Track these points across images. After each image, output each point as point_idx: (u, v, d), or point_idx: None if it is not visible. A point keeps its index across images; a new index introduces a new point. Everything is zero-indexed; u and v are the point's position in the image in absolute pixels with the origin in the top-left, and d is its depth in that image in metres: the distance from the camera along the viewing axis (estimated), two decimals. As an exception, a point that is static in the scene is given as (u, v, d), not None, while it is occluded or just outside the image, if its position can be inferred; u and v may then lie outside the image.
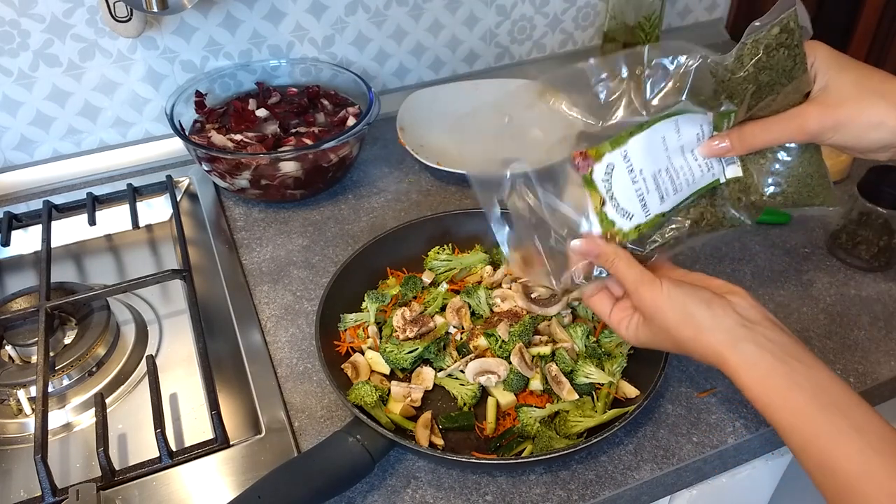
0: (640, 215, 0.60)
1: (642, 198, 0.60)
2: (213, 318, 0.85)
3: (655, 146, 0.59)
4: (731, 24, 1.40)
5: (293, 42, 1.12)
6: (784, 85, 0.58)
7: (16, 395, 0.76)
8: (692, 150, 0.61)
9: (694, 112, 0.59)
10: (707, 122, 0.60)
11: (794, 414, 0.52)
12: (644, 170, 0.59)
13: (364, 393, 0.69)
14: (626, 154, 0.58)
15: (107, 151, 1.08)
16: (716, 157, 0.61)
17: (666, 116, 0.59)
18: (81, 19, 0.98)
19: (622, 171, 0.58)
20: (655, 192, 0.60)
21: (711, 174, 0.62)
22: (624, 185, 0.59)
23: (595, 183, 0.58)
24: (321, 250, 0.93)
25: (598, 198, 0.59)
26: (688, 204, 0.63)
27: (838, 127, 0.57)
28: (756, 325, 0.57)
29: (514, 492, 0.66)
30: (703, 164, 0.61)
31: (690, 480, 0.71)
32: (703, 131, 0.60)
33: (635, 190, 0.59)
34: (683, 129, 0.60)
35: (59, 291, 0.86)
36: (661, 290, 0.58)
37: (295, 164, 0.93)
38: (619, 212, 0.60)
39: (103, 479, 0.66)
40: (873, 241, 0.86)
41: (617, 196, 0.59)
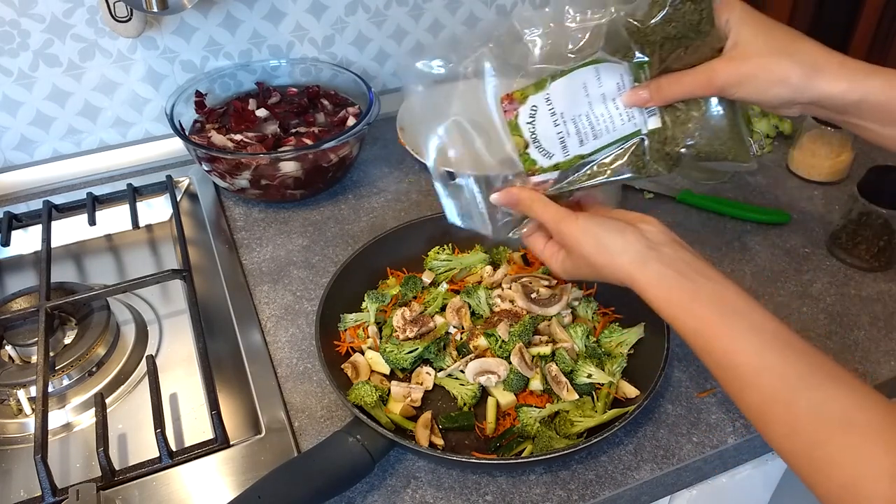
0: (560, 156, 0.64)
1: (563, 140, 0.64)
2: (213, 318, 0.85)
3: (576, 92, 0.62)
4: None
5: (293, 42, 1.12)
6: (692, 38, 0.60)
7: (16, 395, 0.76)
8: (613, 99, 0.63)
9: (610, 61, 0.62)
10: (626, 72, 0.63)
11: (697, 320, 0.56)
12: (565, 113, 0.63)
13: (364, 393, 0.69)
14: (549, 97, 0.62)
15: (107, 151, 1.08)
16: (637, 108, 0.64)
17: (585, 64, 0.62)
18: (81, 19, 0.98)
19: (545, 113, 0.63)
20: (576, 136, 0.64)
21: (633, 124, 0.64)
22: (546, 127, 0.63)
23: (520, 126, 0.63)
24: (321, 250, 0.93)
25: (522, 141, 0.63)
26: (611, 150, 0.65)
27: (744, 81, 0.60)
28: (662, 246, 0.60)
29: (514, 492, 0.66)
30: (625, 114, 0.64)
31: (690, 480, 0.71)
32: (623, 81, 0.63)
33: (557, 132, 0.63)
34: (604, 78, 0.63)
35: (59, 291, 0.86)
36: (577, 224, 0.62)
37: (295, 164, 0.93)
38: (541, 152, 0.64)
39: (103, 479, 0.66)
40: (873, 241, 0.86)
41: (540, 137, 0.63)
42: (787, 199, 1.00)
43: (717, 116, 0.64)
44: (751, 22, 0.60)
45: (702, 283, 0.57)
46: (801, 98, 0.60)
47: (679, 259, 0.59)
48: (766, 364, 0.52)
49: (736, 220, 0.96)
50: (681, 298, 0.57)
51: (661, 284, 0.58)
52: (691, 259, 0.59)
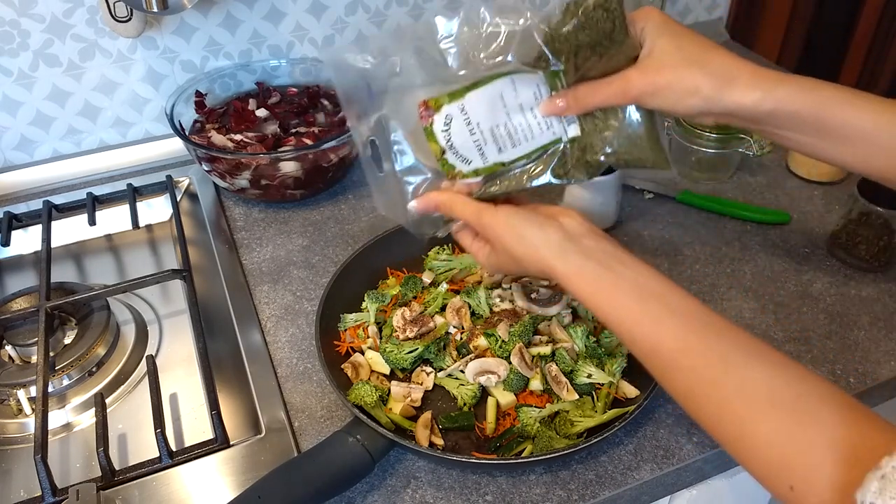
0: (479, 162, 0.65)
1: (480, 148, 0.64)
2: (213, 318, 0.85)
3: (493, 102, 0.63)
4: (731, 23, 1.41)
5: (293, 42, 1.12)
6: (606, 47, 0.60)
7: (16, 395, 0.76)
8: (531, 109, 0.64)
9: (525, 72, 0.62)
10: (542, 82, 0.63)
11: (619, 309, 0.56)
12: (481, 123, 0.63)
13: (364, 393, 0.69)
14: (464, 107, 0.63)
15: (107, 151, 1.08)
16: (555, 116, 0.64)
17: (501, 75, 0.62)
18: (81, 19, 0.98)
19: (460, 122, 0.63)
20: (493, 144, 0.64)
21: (552, 132, 0.64)
22: (462, 136, 0.63)
23: (435, 133, 0.63)
24: (321, 250, 0.93)
25: (438, 147, 0.63)
26: (533, 157, 0.66)
27: (657, 92, 0.60)
28: (582, 238, 0.61)
29: (514, 492, 0.66)
30: (543, 123, 0.64)
31: (690, 480, 0.71)
32: (539, 91, 0.63)
33: (473, 140, 0.64)
34: (520, 88, 0.63)
35: (59, 291, 0.86)
36: (497, 217, 0.63)
37: (295, 164, 0.93)
38: (458, 158, 0.64)
39: (103, 479, 0.66)
40: (873, 241, 0.86)
41: (456, 145, 0.63)
42: (787, 199, 1.00)
43: (634, 124, 0.63)
44: (666, 32, 0.60)
45: (621, 271, 0.58)
46: (714, 109, 0.60)
47: (599, 250, 0.59)
48: (687, 346, 0.52)
49: (736, 220, 0.96)
50: (601, 288, 0.57)
51: (582, 275, 0.58)
52: (611, 249, 0.60)
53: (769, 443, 0.47)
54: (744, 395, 0.49)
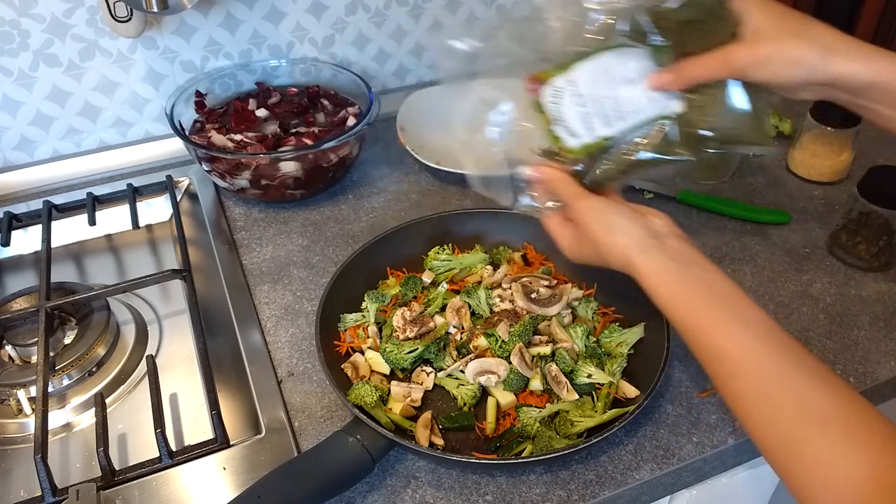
0: (586, 135, 0.66)
1: (588, 120, 0.65)
2: (213, 318, 0.85)
3: (600, 74, 0.65)
4: (731, 24, 1.40)
5: (293, 42, 1.12)
6: (710, 22, 0.63)
7: (16, 395, 0.76)
8: (637, 82, 0.65)
9: (633, 46, 0.64)
10: (647, 57, 0.65)
11: (690, 313, 0.57)
12: (589, 94, 0.65)
13: (364, 393, 0.69)
14: (573, 79, 0.65)
15: (107, 151, 1.08)
16: (660, 91, 0.65)
17: (610, 48, 0.64)
18: (81, 19, 0.98)
19: (568, 94, 0.65)
20: (600, 116, 0.65)
21: (657, 107, 0.65)
22: (570, 107, 0.65)
23: (543, 105, 0.65)
24: (321, 250, 0.93)
25: (545, 118, 0.65)
26: (637, 133, 0.66)
27: (761, 63, 0.61)
28: (666, 238, 0.62)
29: (514, 492, 0.66)
30: (649, 97, 0.65)
31: (690, 480, 0.71)
32: (646, 66, 0.65)
33: (581, 112, 0.65)
34: (627, 62, 0.65)
35: (59, 291, 0.86)
36: (590, 202, 0.64)
37: (295, 164, 0.93)
38: (565, 130, 0.65)
39: (103, 479, 0.66)
40: (873, 241, 0.86)
41: (564, 116, 0.65)
42: (787, 199, 1.00)
43: (737, 100, 0.65)
44: (764, 8, 0.62)
45: (699, 274, 0.58)
46: (816, 78, 0.61)
47: (681, 251, 0.60)
48: (752, 356, 0.52)
49: (736, 220, 0.96)
50: (677, 288, 0.58)
51: (661, 273, 0.59)
52: (692, 253, 0.61)
53: (817, 462, 0.47)
54: (798, 413, 0.49)
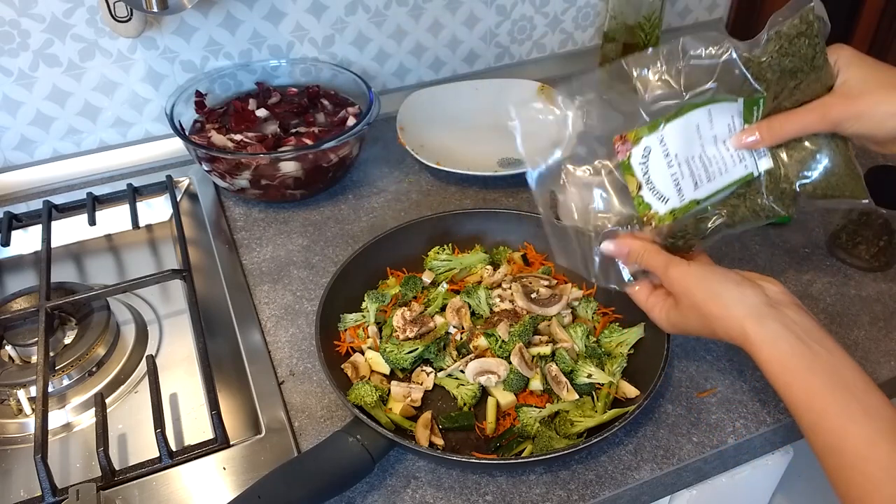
0: (675, 199, 0.64)
1: (677, 182, 0.63)
2: (213, 318, 0.85)
3: (690, 133, 0.63)
4: (732, 23, 1.40)
5: (293, 42, 1.12)
6: (807, 73, 0.62)
7: (16, 395, 0.76)
8: (724, 141, 0.64)
9: (725, 101, 0.63)
10: (738, 112, 0.63)
11: (809, 393, 0.54)
12: (679, 155, 0.63)
13: (364, 393, 0.69)
14: (662, 139, 0.62)
15: (107, 151, 1.08)
16: (747, 150, 0.64)
17: (699, 105, 0.62)
18: (81, 19, 0.98)
19: (658, 154, 0.63)
20: (690, 178, 0.63)
21: (744, 166, 0.65)
22: (660, 169, 0.63)
23: (633, 167, 0.63)
24: (321, 250, 0.93)
25: (636, 182, 0.63)
26: (724, 195, 0.66)
27: (858, 116, 0.61)
28: (783, 307, 0.59)
29: (514, 492, 0.66)
30: (736, 155, 0.64)
31: (690, 480, 0.71)
32: (734, 123, 0.64)
33: (671, 174, 0.63)
34: (716, 119, 0.63)
35: (59, 291, 0.86)
36: (689, 270, 0.62)
37: (295, 164, 0.93)
38: (655, 195, 0.63)
39: (103, 479, 0.66)
40: (873, 241, 0.86)
41: (653, 179, 0.63)
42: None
43: (830, 152, 0.64)
44: (859, 62, 0.62)
45: (820, 352, 0.55)
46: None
47: (800, 323, 0.57)
48: (875, 454, 0.50)
49: (736, 220, 0.96)
50: (797, 365, 0.55)
51: (778, 346, 0.56)
52: (813, 326, 0.58)
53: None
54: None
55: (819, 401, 0.53)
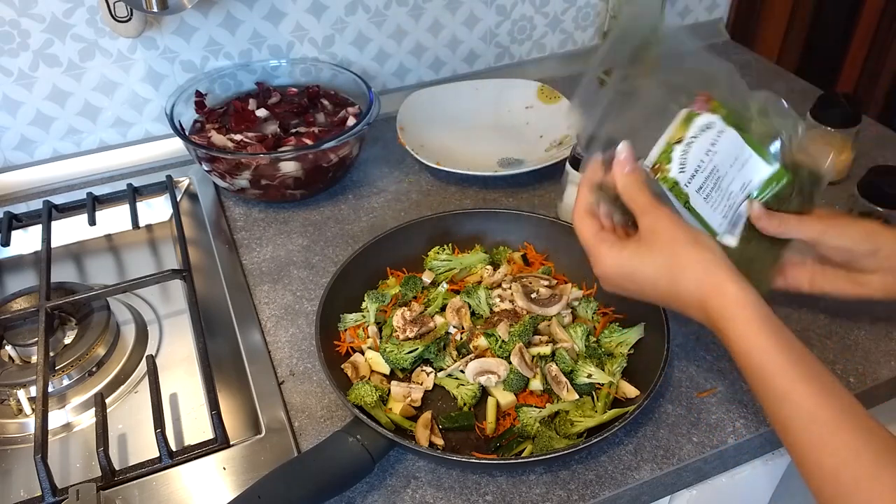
0: (684, 180, 0.63)
1: (696, 171, 0.64)
2: (213, 318, 0.85)
3: (737, 153, 0.64)
4: (731, 23, 1.41)
5: (293, 42, 1.12)
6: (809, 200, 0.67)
7: (16, 395, 0.76)
8: (743, 188, 0.65)
9: (765, 159, 0.64)
10: (765, 177, 0.65)
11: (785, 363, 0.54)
12: (718, 155, 0.63)
13: (364, 393, 0.69)
14: (723, 132, 0.63)
15: (107, 151, 1.08)
16: (737, 215, 0.65)
17: (751, 143, 0.64)
18: (81, 19, 0.98)
19: (710, 138, 0.63)
20: (702, 175, 0.64)
21: (721, 222, 0.65)
22: (699, 149, 0.63)
23: (691, 125, 0.63)
24: (321, 250, 0.93)
25: (679, 136, 0.63)
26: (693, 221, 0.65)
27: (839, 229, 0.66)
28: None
29: (514, 492, 0.66)
30: (729, 207, 0.65)
31: (690, 480, 0.71)
32: (752, 182, 0.65)
33: (699, 161, 0.63)
34: (750, 166, 0.64)
35: (59, 291, 0.86)
36: (674, 214, 0.60)
37: (295, 164, 0.93)
38: (679, 159, 0.63)
39: (103, 479, 0.67)
40: (873, 241, 0.86)
41: (690, 149, 0.63)
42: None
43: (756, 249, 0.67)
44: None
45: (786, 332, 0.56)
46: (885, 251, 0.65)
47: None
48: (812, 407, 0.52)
49: (736, 220, 0.96)
50: (771, 324, 0.55)
51: (760, 309, 0.56)
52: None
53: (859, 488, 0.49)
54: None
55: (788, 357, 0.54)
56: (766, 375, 0.54)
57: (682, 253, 0.58)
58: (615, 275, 0.62)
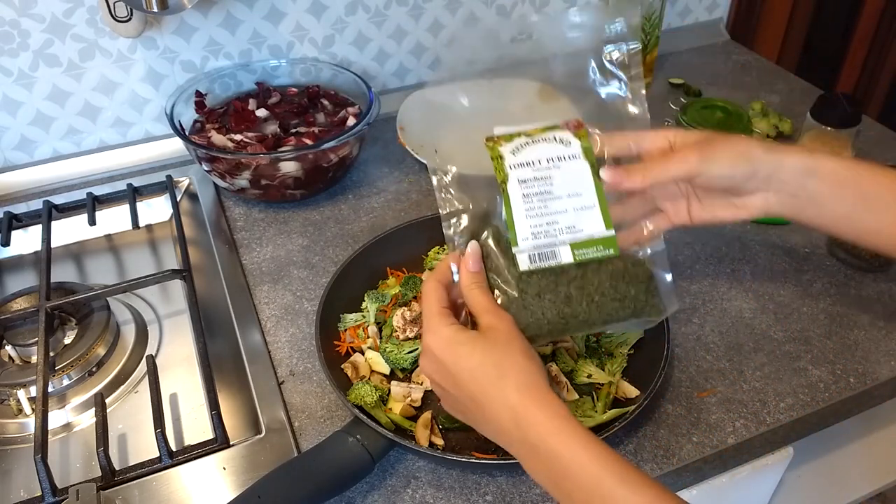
0: (514, 160, 0.62)
1: (528, 164, 0.62)
2: (213, 318, 0.85)
3: (578, 183, 0.61)
4: (731, 23, 1.41)
5: (293, 42, 1.12)
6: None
7: (16, 395, 0.76)
8: (565, 228, 0.60)
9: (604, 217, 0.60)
10: (593, 235, 0.60)
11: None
12: (556, 173, 0.61)
13: (364, 393, 0.69)
14: (571, 157, 0.62)
15: (107, 151, 1.08)
16: (552, 256, 0.60)
17: (601, 194, 0.61)
18: (81, 19, 0.98)
19: (554, 151, 0.62)
20: (533, 176, 0.61)
21: (530, 240, 0.60)
22: (540, 152, 0.62)
23: (544, 132, 0.62)
24: (321, 250, 0.93)
25: (531, 131, 0.63)
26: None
27: (712, 158, 0.62)
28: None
29: (514, 492, 0.66)
30: (545, 233, 0.60)
31: (690, 480, 0.71)
32: (580, 231, 0.60)
33: (536, 160, 0.62)
34: (584, 210, 0.61)
35: (59, 291, 0.86)
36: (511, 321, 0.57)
37: (295, 164, 0.93)
38: (515, 146, 0.62)
39: (103, 479, 0.67)
40: (873, 241, 0.86)
41: (532, 147, 0.62)
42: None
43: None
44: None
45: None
46: (763, 171, 0.62)
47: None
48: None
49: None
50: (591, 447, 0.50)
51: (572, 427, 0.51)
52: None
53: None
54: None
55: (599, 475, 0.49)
56: (584, 485, 0.50)
57: (512, 357, 0.55)
58: (443, 349, 0.56)
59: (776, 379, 0.76)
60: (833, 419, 0.76)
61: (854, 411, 0.77)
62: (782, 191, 0.63)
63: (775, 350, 0.79)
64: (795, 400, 0.74)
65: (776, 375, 0.76)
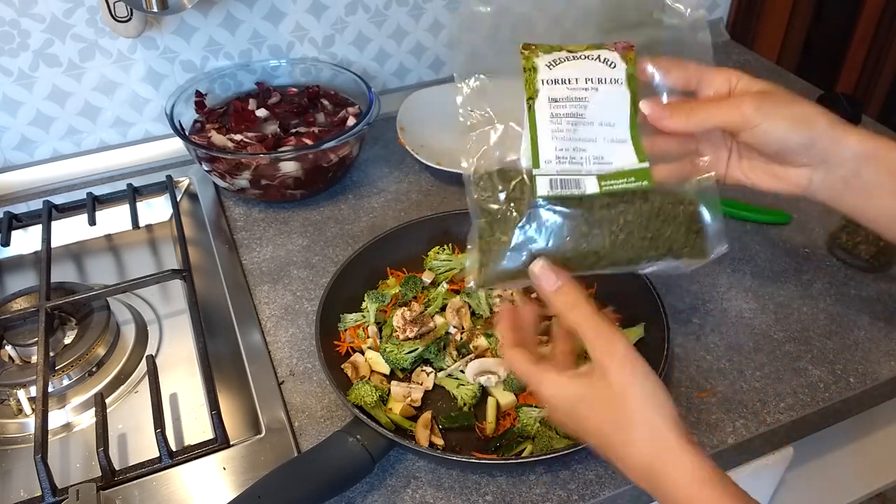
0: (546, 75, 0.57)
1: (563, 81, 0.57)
2: (213, 318, 0.85)
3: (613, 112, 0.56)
4: (731, 23, 1.41)
5: (293, 42, 1.12)
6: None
7: (16, 395, 0.76)
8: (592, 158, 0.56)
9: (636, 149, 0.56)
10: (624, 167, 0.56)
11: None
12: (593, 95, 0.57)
13: (364, 393, 0.69)
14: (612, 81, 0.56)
15: (107, 151, 1.08)
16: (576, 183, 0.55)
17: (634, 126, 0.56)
18: (81, 19, 0.98)
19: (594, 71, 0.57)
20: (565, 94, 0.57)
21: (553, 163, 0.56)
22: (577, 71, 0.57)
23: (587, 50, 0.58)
24: (321, 250, 0.93)
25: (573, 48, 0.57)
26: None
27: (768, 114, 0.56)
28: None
29: (514, 492, 0.66)
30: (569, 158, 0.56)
31: (690, 480, 0.71)
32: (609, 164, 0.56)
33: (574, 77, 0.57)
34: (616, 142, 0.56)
35: (59, 291, 0.86)
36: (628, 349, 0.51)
37: (295, 164, 0.93)
38: (551, 60, 0.58)
39: (103, 479, 0.67)
40: (873, 241, 0.86)
41: (569, 64, 0.57)
42: (787, 200, 1.00)
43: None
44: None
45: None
46: (822, 144, 0.56)
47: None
48: None
49: (736, 220, 0.96)
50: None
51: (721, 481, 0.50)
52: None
53: None
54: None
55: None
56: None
57: (634, 404, 0.50)
58: (557, 408, 0.53)
59: (776, 379, 0.76)
60: (833, 419, 0.76)
61: (854, 411, 0.77)
62: (833, 173, 0.57)
63: (775, 350, 0.79)
64: (795, 400, 0.74)
65: (776, 375, 0.76)
